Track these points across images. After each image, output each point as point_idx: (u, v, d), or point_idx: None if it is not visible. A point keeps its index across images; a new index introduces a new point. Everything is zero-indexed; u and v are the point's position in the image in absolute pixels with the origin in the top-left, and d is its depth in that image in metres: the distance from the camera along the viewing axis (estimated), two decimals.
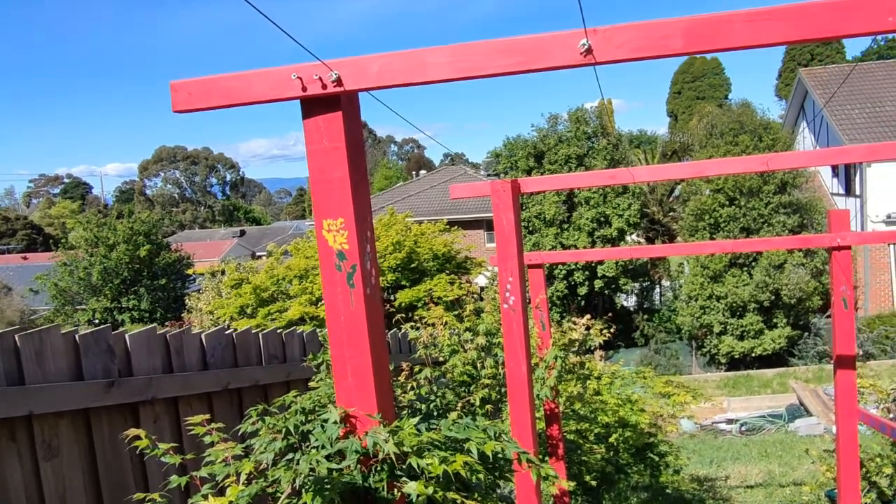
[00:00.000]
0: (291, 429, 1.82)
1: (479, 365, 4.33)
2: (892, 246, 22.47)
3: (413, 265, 20.61)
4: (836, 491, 5.46)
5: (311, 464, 1.72)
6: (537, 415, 5.50)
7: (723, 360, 21.39)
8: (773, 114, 29.42)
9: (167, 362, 2.78)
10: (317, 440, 1.80)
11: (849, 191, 24.87)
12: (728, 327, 21.01)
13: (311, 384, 2.54)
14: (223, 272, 22.05)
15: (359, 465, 1.75)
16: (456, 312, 5.33)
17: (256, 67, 1.79)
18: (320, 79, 1.69)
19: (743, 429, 15.59)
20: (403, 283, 20.13)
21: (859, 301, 23.99)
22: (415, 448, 1.68)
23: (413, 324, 4.33)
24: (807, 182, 23.84)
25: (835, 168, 26.51)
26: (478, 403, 4.03)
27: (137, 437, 1.95)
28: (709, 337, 21.75)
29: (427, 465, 1.68)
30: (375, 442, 1.70)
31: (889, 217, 21.83)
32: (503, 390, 4.50)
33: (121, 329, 2.70)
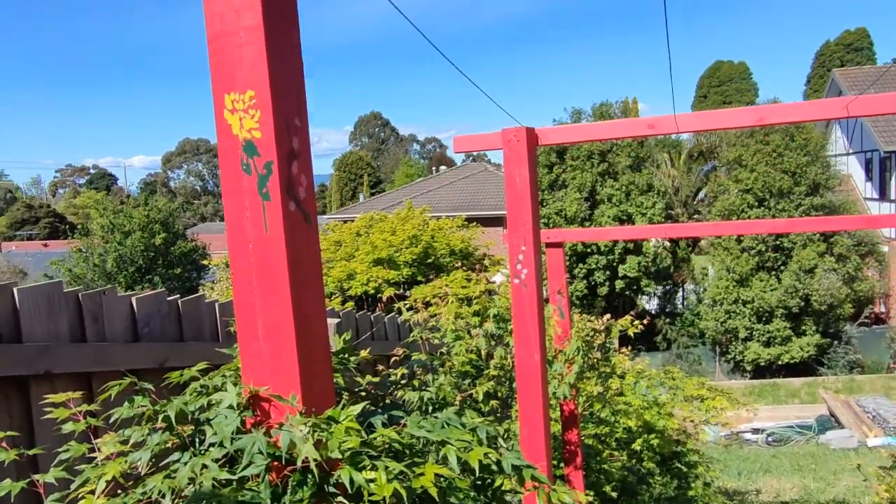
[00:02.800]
0: (173, 417, 1.19)
1: (484, 354, 3.69)
2: None
3: (430, 260, 20.06)
4: None
5: (193, 471, 1.10)
6: (554, 416, 4.85)
7: (748, 367, 20.54)
8: None
9: (78, 329, 2.18)
10: (214, 434, 1.19)
11: (883, 195, 23.90)
12: (754, 333, 20.16)
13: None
14: None
15: (268, 476, 1.13)
16: (463, 296, 4.72)
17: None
18: None
19: (769, 439, 14.77)
20: (419, 278, 19.57)
21: (892, 310, 22.94)
22: (347, 453, 1.05)
23: (407, 302, 3.71)
24: (840, 185, 22.88)
25: (868, 172, 25.59)
26: (481, 398, 3.40)
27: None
28: (734, 343, 20.90)
29: (369, 480, 1.05)
30: (293, 441, 1.08)
31: None
32: (514, 385, 3.87)
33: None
